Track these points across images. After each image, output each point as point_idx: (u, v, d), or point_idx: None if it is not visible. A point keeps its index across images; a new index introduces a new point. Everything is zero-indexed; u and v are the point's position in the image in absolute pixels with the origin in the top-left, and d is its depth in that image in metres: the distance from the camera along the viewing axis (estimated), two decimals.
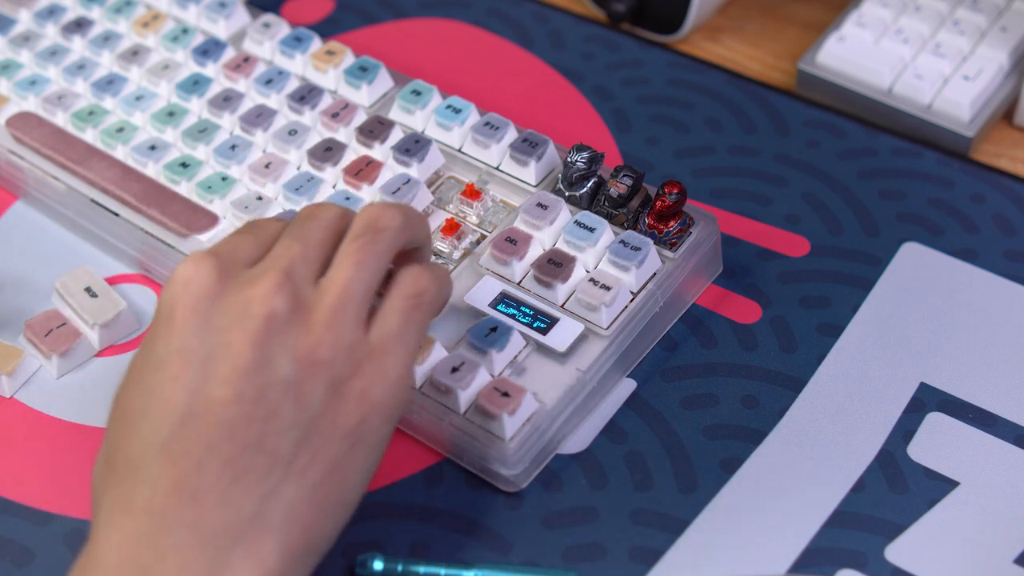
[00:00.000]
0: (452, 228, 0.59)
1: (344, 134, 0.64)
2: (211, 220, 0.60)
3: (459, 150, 0.63)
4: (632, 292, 0.56)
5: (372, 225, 0.47)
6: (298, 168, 0.63)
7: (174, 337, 0.44)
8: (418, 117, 0.64)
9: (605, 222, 0.57)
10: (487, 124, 0.62)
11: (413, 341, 0.47)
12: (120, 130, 0.65)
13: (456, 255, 0.59)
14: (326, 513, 0.45)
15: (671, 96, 0.69)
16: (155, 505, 0.42)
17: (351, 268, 0.46)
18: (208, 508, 0.42)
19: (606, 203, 0.58)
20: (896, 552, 0.50)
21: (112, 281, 0.62)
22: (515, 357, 0.54)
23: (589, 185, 0.59)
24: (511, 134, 0.62)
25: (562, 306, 0.56)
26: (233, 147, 0.63)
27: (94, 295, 0.59)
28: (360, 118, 0.64)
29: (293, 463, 0.44)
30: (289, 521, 0.43)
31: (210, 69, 0.68)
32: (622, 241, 0.56)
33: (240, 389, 0.43)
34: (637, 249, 0.56)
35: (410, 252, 0.50)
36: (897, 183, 0.64)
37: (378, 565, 0.50)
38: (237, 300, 0.44)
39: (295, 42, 0.68)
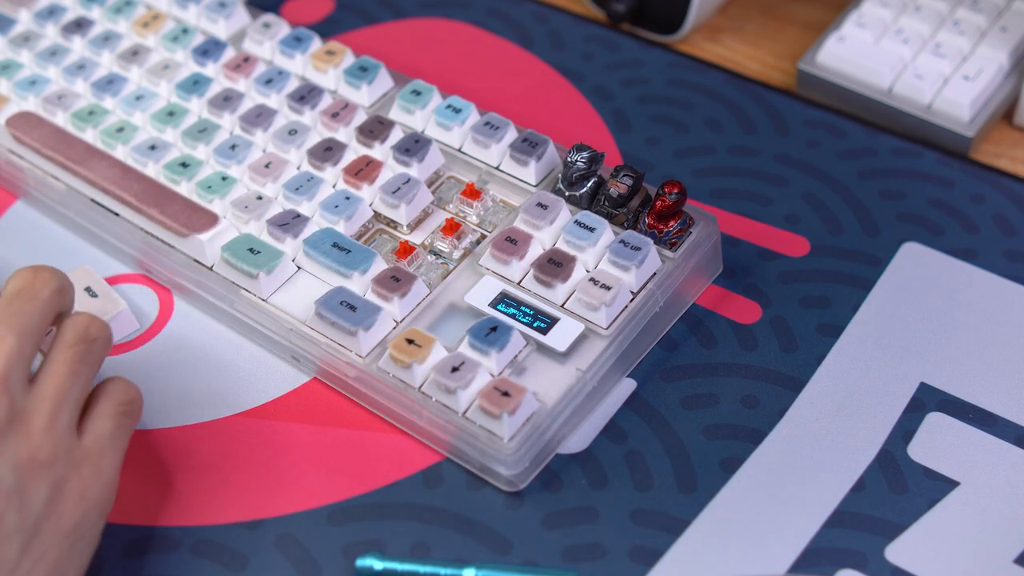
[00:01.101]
0: (452, 228, 0.59)
1: (344, 134, 0.64)
2: (211, 220, 0.60)
3: (459, 150, 0.63)
4: (632, 292, 0.56)
5: (85, 335, 0.48)
6: (298, 168, 0.63)
7: None
8: (418, 117, 0.64)
9: (605, 222, 0.57)
10: (487, 124, 0.62)
11: (123, 444, 0.49)
12: (120, 130, 0.65)
13: (456, 255, 0.59)
14: None
15: (671, 96, 0.69)
16: None
17: (66, 376, 0.47)
18: None
19: (606, 203, 0.58)
20: (896, 552, 0.50)
21: (112, 281, 0.62)
22: (515, 357, 0.54)
23: (589, 185, 0.59)
24: (511, 134, 0.62)
25: (562, 306, 0.56)
26: (233, 147, 0.63)
27: (94, 295, 0.59)
28: (360, 118, 0.64)
29: (17, 569, 0.44)
30: None
31: (210, 69, 0.68)
32: (622, 241, 0.56)
33: None
34: (637, 249, 0.56)
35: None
36: (897, 183, 0.64)
37: (378, 565, 0.50)
38: None
39: (295, 42, 0.68)
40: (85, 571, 0.47)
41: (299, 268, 0.59)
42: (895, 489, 0.52)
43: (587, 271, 0.57)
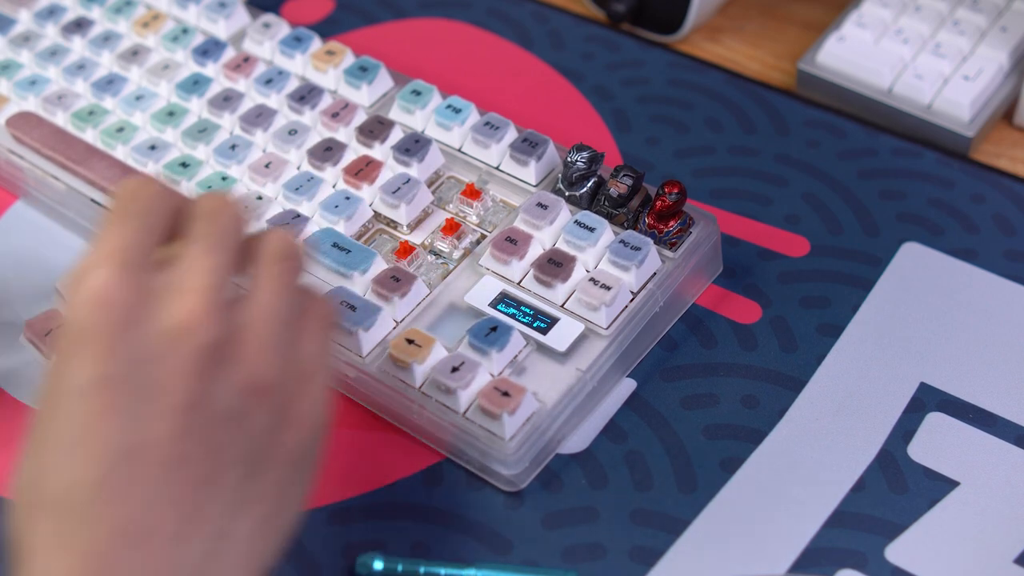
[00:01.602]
0: (452, 228, 0.59)
1: (344, 134, 0.64)
2: None
3: (459, 150, 0.63)
4: (632, 292, 0.56)
5: (284, 253, 0.45)
6: (298, 168, 0.63)
7: (92, 365, 0.40)
8: (418, 117, 0.64)
9: (605, 222, 0.57)
10: (487, 124, 0.62)
11: (331, 361, 0.46)
12: (120, 130, 0.65)
13: (456, 255, 0.59)
14: (275, 536, 0.43)
15: (671, 96, 0.69)
16: (98, 548, 0.39)
17: (274, 297, 0.43)
18: (158, 549, 0.39)
19: (606, 203, 0.58)
20: (896, 552, 0.50)
21: None
22: (515, 357, 0.54)
23: (589, 185, 0.59)
24: (511, 134, 0.62)
25: (562, 306, 0.56)
26: (233, 147, 0.63)
27: None
28: (360, 118, 0.64)
29: (244, 496, 0.41)
30: (245, 552, 0.41)
31: (210, 69, 0.68)
32: (622, 241, 0.56)
33: (183, 424, 0.40)
34: (637, 249, 0.56)
35: None
36: (897, 183, 0.64)
37: (378, 565, 0.50)
38: (162, 328, 0.40)
39: (295, 42, 0.68)
40: (308, 496, 0.44)
41: None
42: (895, 489, 0.52)
43: (587, 271, 0.57)
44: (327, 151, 0.62)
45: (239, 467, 0.41)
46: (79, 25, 0.71)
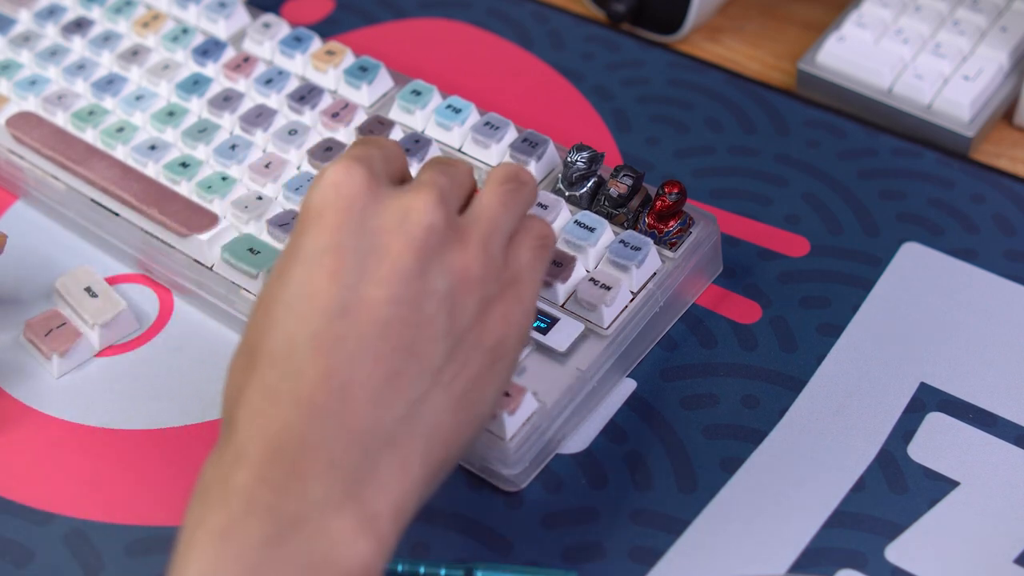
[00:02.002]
0: None
1: (344, 134, 0.64)
2: (211, 220, 0.60)
3: (459, 150, 0.63)
4: (632, 292, 0.56)
5: (515, 176, 0.49)
6: (298, 168, 0.63)
7: (326, 235, 0.44)
8: (418, 117, 0.64)
9: (605, 222, 0.57)
10: (487, 124, 0.62)
11: (540, 275, 0.49)
12: (120, 130, 0.65)
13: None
14: (464, 426, 0.45)
15: (671, 96, 0.69)
16: (303, 396, 0.42)
17: (499, 205, 0.48)
18: (358, 404, 0.42)
19: (606, 203, 0.58)
20: (896, 552, 0.50)
21: (112, 281, 0.62)
22: None
23: (589, 185, 0.59)
24: (511, 134, 0.62)
25: (562, 306, 0.56)
26: (233, 147, 0.63)
27: (94, 295, 0.59)
28: (360, 118, 0.64)
29: (441, 372, 0.44)
30: (434, 429, 0.44)
31: (210, 69, 0.68)
32: (622, 241, 0.56)
33: (398, 292, 0.43)
34: (637, 249, 0.56)
35: None
36: (897, 183, 0.64)
37: None
38: (394, 207, 0.45)
39: (295, 42, 0.68)
40: (502, 392, 0.48)
41: None
42: (895, 489, 0.52)
43: (587, 271, 0.57)
44: (327, 151, 0.62)
45: (441, 343, 0.44)
46: (79, 25, 0.71)
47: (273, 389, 0.42)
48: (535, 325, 0.55)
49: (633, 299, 0.56)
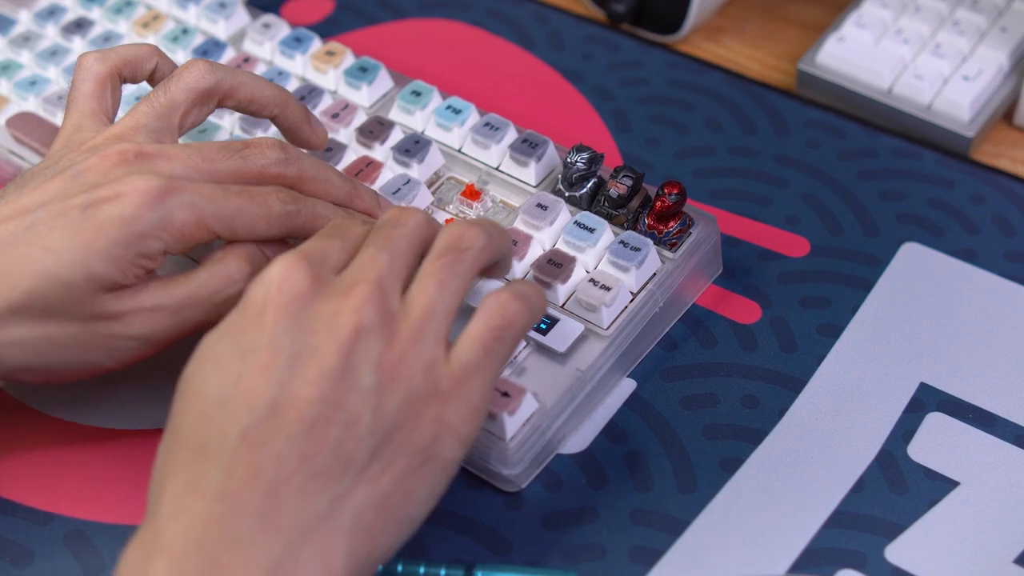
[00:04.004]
0: None
1: (344, 135, 0.64)
2: None
3: (459, 150, 0.63)
4: (632, 292, 0.56)
5: (456, 244, 0.48)
6: None
7: (265, 333, 0.45)
8: (418, 117, 0.64)
9: (605, 222, 0.57)
10: (487, 124, 0.62)
11: (494, 372, 0.47)
12: None
13: None
14: (391, 524, 0.45)
15: (671, 96, 0.69)
16: (229, 491, 0.42)
17: (434, 288, 0.47)
18: (283, 501, 0.43)
19: (606, 203, 0.58)
20: (896, 552, 0.50)
21: None
22: (515, 357, 0.54)
23: (589, 185, 0.59)
24: (511, 134, 0.62)
25: (562, 306, 0.56)
26: None
27: None
28: (360, 119, 0.64)
29: (366, 470, 0.44)
30: (358, 526, 0.44)
31: None
32: (622, 241, 0.56)
33: (325, 391, 0.44)
34: (637, 249, 0.56)
35: (493, 266, 0.51)
36: (897, 183, 0.64)
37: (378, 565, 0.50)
38: (328, 307, 0.45)
39: (295, 42, 0.68)
40: (438, 496, 0.46)
41: None
42: (895, 489, 0.52)
43: (587, 272, 0.57)
44: (327, 152, 0.62)
45: (367, 440, 0.44)
46: (79, 25, 0.71)
47: (200, 482, 0.43)
48: (536, 326, 0.55)
49: (633, 299, 0.56)
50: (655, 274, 0.57)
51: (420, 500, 0.46)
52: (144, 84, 0.59)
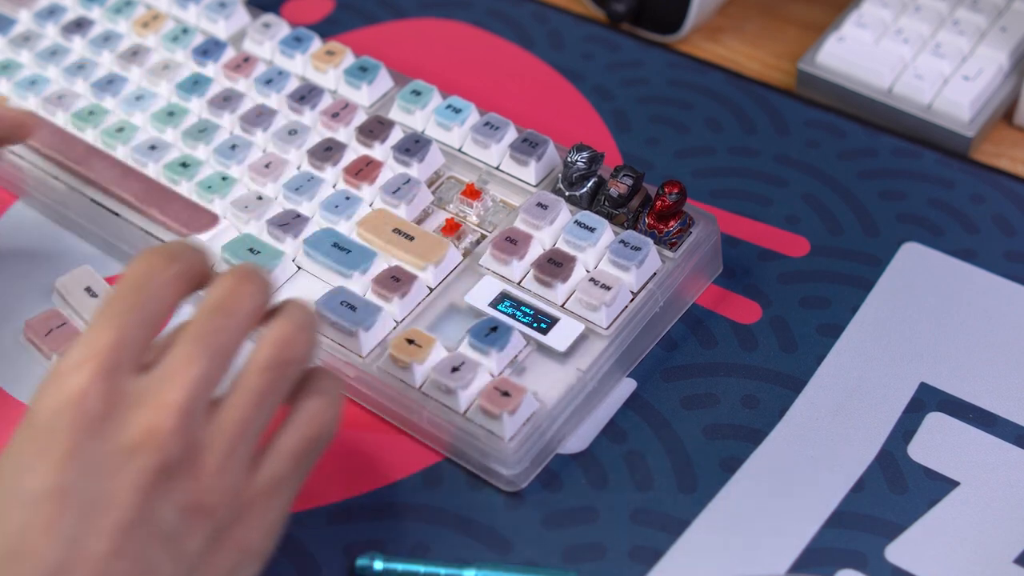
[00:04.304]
0: (452, 228, 0.59)
1: (344, 134, 0.64)
2: (211, 220, 0.60)
3: (459, 150, 0.63)
4: (632, 292, 0.56)
5: (282, 357, 0.44)
6: (298, 168, 0.63)
7: (52, 475, 0.40)
8: (418, 117, 0.64)
9: (605, 222, 0.57)
10: (487, 124, 0.62)
11: (299, 482, 0.45)
12: (120, 130, 0.65)
13: (456, 255, 0.59)
14: None
15: (671, 96, 0.69)
16: None
17: (252, 407, 0.43)
18: None
19: (606, 203, 0.58)
20: (896, 552, 0.50)
21: (112, 281, 0.62)
22: (515, 357, 0.54)
23: (589, 185, 0.59)
24: (511, 134, 0.62)
25: (562, 306, 0.56)
26: (233, 147, 0.63)
27: (94, 295, 0.59)
28: (360, 118, 0.64)
29: None
30: None
31: (210, 69, 0.68)
32: (622, 241, 0.56)
33: (121, 544, 0.40)
34: (637, 249, 0.56)
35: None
36: (897, 183, 0.64)
37: (378, 565, 0.50)
38: (126, 440, 0.40)
39: (295, 42, 0.68)
40: None
41: (299, 268, 0.59)
42: (895, 489, 0.52)
43: (587, 271, 0.57)
44: (327, 151, 0.62)
45: None
46: (79, 25, 0.71)
47: None
48: (535, 326, 0.55)
49: (633, 299, 0.56)
50: (655, 274, 0.57)
51: None
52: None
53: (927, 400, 0.55)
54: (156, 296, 0.42)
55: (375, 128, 0.63)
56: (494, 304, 0.56)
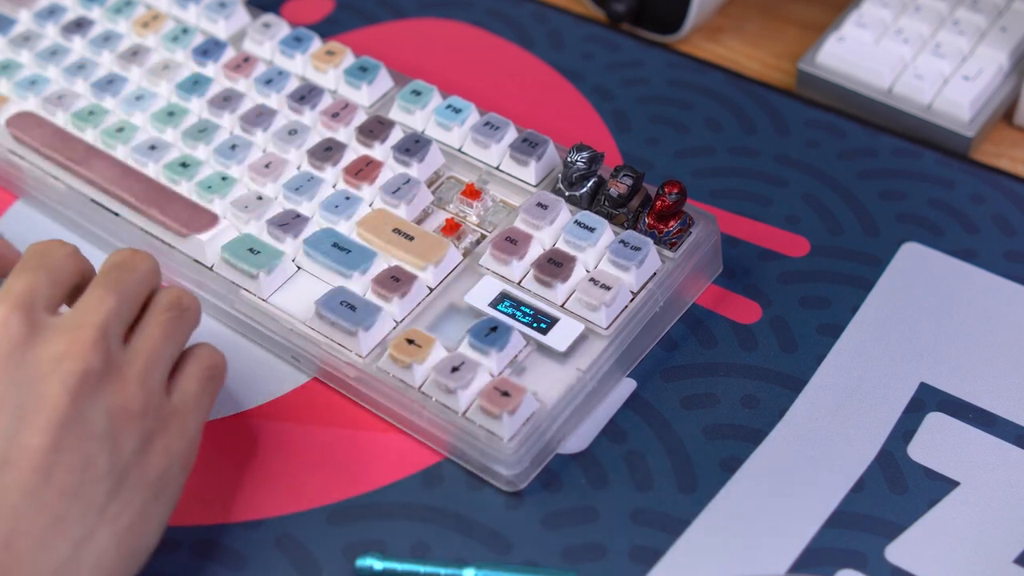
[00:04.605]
0: (452, 228, 0.59)
1: (344, 134, 0.64)
2: (211, 220, 0.60)
3: (459, 150, 0.63)
4: (632, 292, 0.56)
5: (178, 303, 0.51)
6: (298, 168, 0.63)
7: None
8: (418, 117, 0.64)
9: (605, 222, 0.57)
10: (487, 124, 0.62)
11: (207, 405, 0.51)
12: (120, 130, 0.65)
13: (456, 255, 0.59)
14: (130, 559, 0.46)
15: (671, 96, 0.69)
16: None
17: (160, 337, 0.49)
18: (22, 553, 0.43)
19: (606, 203, 0.58)
20: (896, 552, 0.50)
21: None
22: (515, 357, 0.54)
23: (589, 185, 0.59)
24: (511, 134, 0.62)
25: (562, 306, 0.56)
26: (233, 147, 0.63)
27: None
28: (360, 118, 0.64)
29: (106, 511, 0.45)
30: (100, 565, 0.45)
31: (210, 69, 0.68)
32: (622, 241, 0.56)
33: (58, 438, 0.44)
34: (637, 249, 0.56)
35: None
36: (897, 183, 0.64)
37: (378, 565, 0.50)
38: (51, 351, 0.45)
39: (295, 42, 0.68)
40: (166, 522, 0.49)
41: (299, 268, 0.59)
42: (895, 489, 0.52)
43: (587, 271, 0.57)
44: (327, 151, 0.62)
45: (104, 482, 0.45)
46: (79, 25, 0.71)
47: None
48: (535, 326, 0.55)
49: (633, 299, 0.56)
50: (655, 274, 0.57)
51: (153, 531, 0.48)
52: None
53: (927, 400, 0.55)
54: (58, 261, 0.49)
55: (375, 128, 0.63)
56: (494, 304, 0.56)
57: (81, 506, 0.44)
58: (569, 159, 0.59)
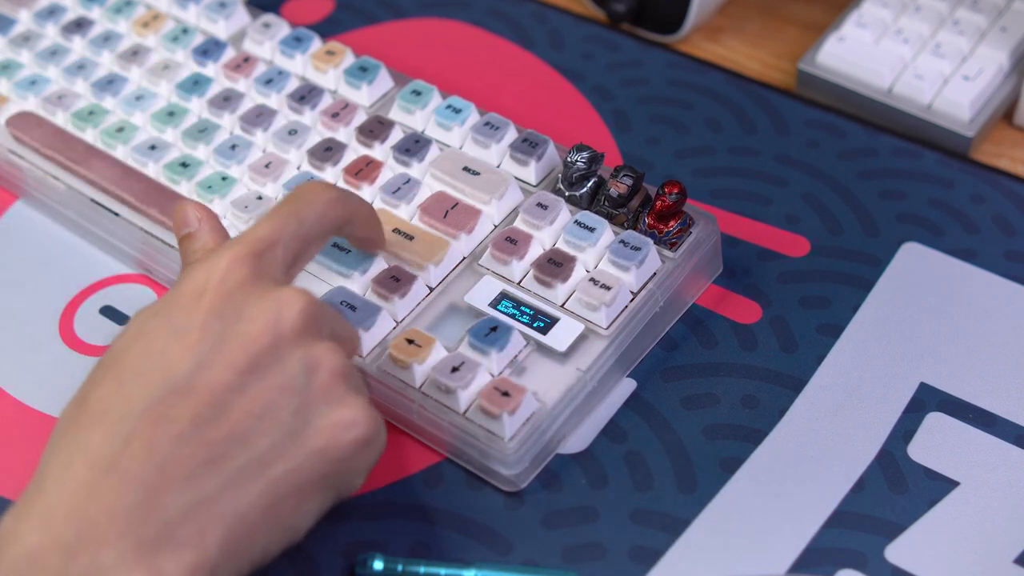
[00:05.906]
0: None
1: (344, 134, 0.64)
2: None
3: (459, 150, 0.63)
4: (632, 292, 0.56)
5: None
6: (298, 168, 0.63)
7: (199, 314, 0.45)
8: (418, 117, 0.64)
9: (605, 222, 0.57)
10: (487, 124, 0.62)
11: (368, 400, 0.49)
12: (120, 130, 0.65)
13: (456, 255, 0.59)
14: (275, 529, 0.45)
15: (671, 96, 0.69)
16: (119, 464, 0.42)
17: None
18: (171, 481, 0.42)
19: (606, 203, 0.58)
20: (896, 552, 0.50)
21: (112, 281, 0.62)
22: (515, 357, 0.54)
23: (589, 185, 0.59)
24: (511, 134, 0.62)
25: (562, 306, 0.56)
26: (233, 147, 0.63)
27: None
28: (360, 118, 0.64)
29: (268, 468, 0.44)
30: (243, 520, 0.43)
31: (210, 69, 0.68)
32: (622, 241, 0.56)
33: (246, 380, 0.44)
34: (637, 249, 0.56)
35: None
36: (897, 183, 0.64)
37: (378, 565, 0.50)
38: (269, 298, 0.45)
39: (295, 42, 0.68)
40: (323, 511, 0.47)
41: None
42: (895, 489, 0.52)
43: (587, 271, 0.57)
44: (327, 151, 0.62)
45: (277, 439, 0.44)
46: (79, 25, 0.71)
47: (93, 450, 0.42)
48: (535, 325, 0.55)
49: (633, 299, 0.56)
50: (655, 274, 0.57)
51: (307, 515, 0.46)
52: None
53: (927, 400, 0.55)
54: (313, 210, 0.49)
55: (375, 128, 0.63)
56: (494, 304, 0.56)
57: (244, 453, 0.43)
58: (569, 159, 0.59)
